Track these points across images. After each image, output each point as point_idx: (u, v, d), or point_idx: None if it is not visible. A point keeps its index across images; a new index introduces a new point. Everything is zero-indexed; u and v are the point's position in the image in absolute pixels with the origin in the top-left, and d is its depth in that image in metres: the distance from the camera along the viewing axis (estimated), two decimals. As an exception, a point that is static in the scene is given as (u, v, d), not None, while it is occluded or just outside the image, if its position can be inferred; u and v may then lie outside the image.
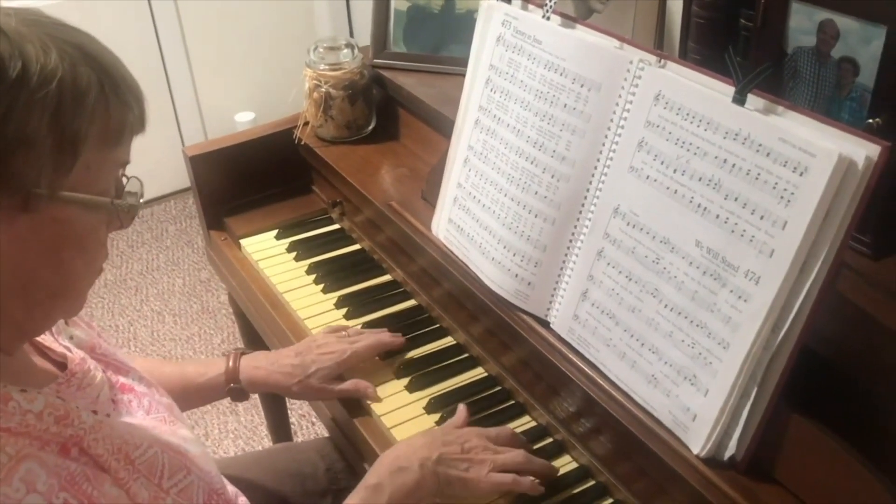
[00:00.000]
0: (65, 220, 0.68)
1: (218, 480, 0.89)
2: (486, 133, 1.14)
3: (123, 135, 0.71)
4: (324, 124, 1.54)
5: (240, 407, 2.31)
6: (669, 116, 0.91)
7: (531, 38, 1.07)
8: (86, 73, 0.66)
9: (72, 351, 0.83)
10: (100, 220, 0.72)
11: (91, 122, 0.67)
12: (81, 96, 0.66)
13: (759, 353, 0.84)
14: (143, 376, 0.94)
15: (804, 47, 1.00)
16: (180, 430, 0.90)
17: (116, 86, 0.69)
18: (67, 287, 0.73)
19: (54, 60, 0.64)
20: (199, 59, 3.12)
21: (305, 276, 1.42)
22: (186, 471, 0.83)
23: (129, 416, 0.85)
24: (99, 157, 0.69)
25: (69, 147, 0.66)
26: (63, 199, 0.67)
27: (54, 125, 0.64)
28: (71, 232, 0.69)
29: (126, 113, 0.70)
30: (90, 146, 0.67)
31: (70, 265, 0.71)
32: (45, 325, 0.77)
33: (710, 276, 0.88)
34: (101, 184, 0.71)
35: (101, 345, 0.91)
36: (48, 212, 0.66)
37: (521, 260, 1.09)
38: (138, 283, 2.84)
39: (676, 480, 0.89)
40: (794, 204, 0.80)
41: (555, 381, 1.06)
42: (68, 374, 0.79)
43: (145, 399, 0.90)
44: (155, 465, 0.80)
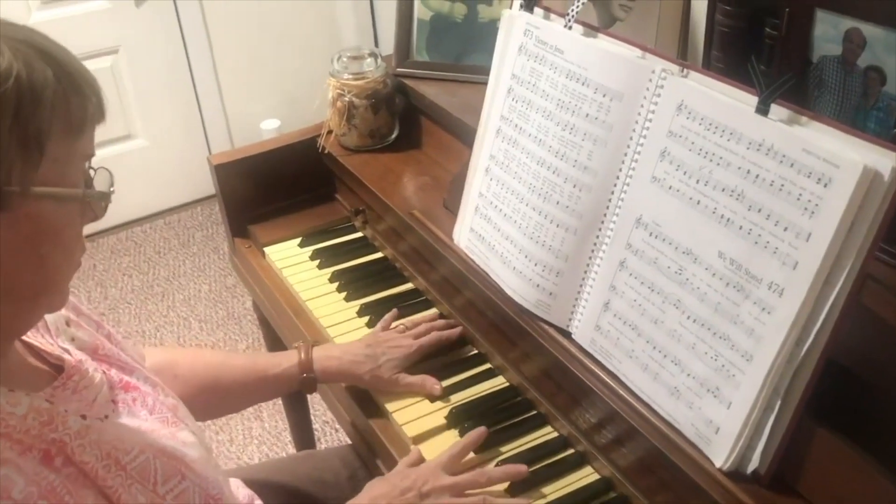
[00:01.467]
0: (39, 215, 0.69)
1: (215, 486, 0.88)
2: (507, 142, 1.14)
3: (85, 125, 0.71)
4: (347, 133, 1.54)
5: (264, 413, 2.33)
6: (692, 126, 0.91)
7: (553, 47, 1.06)
8: (41, 68, 0.67)
9: (70, 353, 0.84)
10: (74, 213, 0.73)
11: (52, 116, 0.67)
12: (40, 92, 0.66)
13: (783, 365, 0.83)
14: (148, 376, 0.95)
15: (830, 56, 0.99)
16: (181, 433, 0.90)
17: (72, 78, 0.70)
18: (49, 282, 0.73)
19: (8, 59, 0.65)
20: (225, 68, 3.15)
21: (328, 283, 1.42)
22: (181, 476, 0.83)
23: (130, 416, 0.85)
24: (65, 150, 0.70)
25: (34, 142, 0.66)
26: (35, 194, 0.67)
27: (17, 123, 0.65)
28: (47, 227, 0.70)
29: (85, 104, 0.71)
30: (55, 140, 0.68)
31: (49, 260, 0.72)
32: (31, 322, 0.78)
33: (733, 288, 0.87)
34: (70, 176, 0.71)
35: (105, 345, 0.92)
36: (22, 209, 0.67)
37: (542, 270, 1.09)
38: (165, 289, 2.87)
39: (699, 493, 0.89)
40: (819, 215, 0.79)
41: (576, 392, 1.06)
42: (64, 378, 0.79)
43: (149, 398, 0.91)
44: (147, 470, 0.80)
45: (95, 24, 2.80)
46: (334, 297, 1.39)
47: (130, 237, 3.14)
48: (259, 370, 1.19)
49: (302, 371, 1.18)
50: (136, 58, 2.93)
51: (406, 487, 0.99)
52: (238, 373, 1.18)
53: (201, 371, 1.15)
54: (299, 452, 1.61)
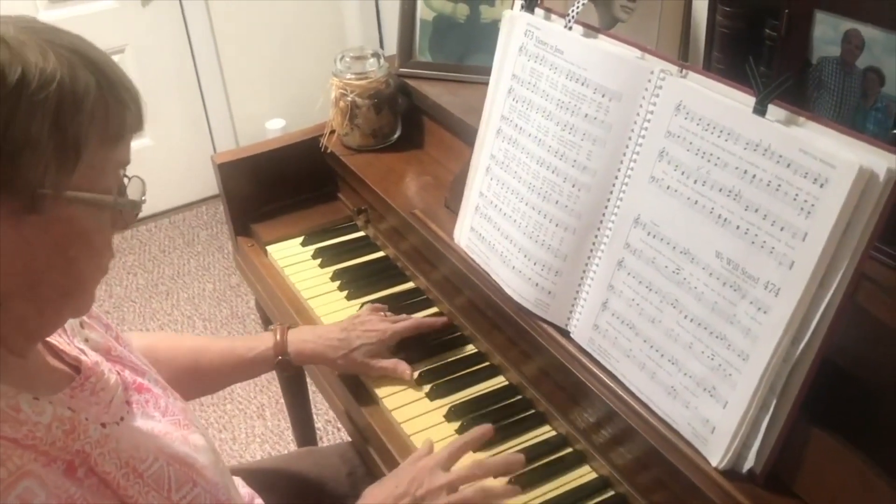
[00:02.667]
0: (70, 219, 0.70)
1: (224, 492, 0.89)
2: (507, 142, 1.15)
3: (123, 134, 0.73)
4: (350, 133, 1.55)
5: (266, 411, 2.34)
6: (690, 127, 0.91)
7: (553, 47, 1.07)
8: (84, 75, 0.68)
9: (86, 354, 0.85)
10: (105, 219, 0.74)
11: (91, 123, 0.68)
12: (81, 98, 0.67)
13: (779, 365, 0.84)
14: (158, 378, 0.96)
15: (829, 57, 0.99)
16: (192, 436, 0.91)
17: (113, 87, 0.71)
18: (76, 286, 0.74)
19: (53, 64, 0.66)
20: (231, 68, 3.16)
21: (330, 282, 1.43)
22: (192, 483, 0.84)
23: (145, 418, 0.86)
24: (101, 157, 0.71)
25: (71, 147, 0.67)
26: (68, 198, 0.68)
27: (56, 127, 0.66)
28: (77, 231, 0.71)
29: (124, 113, 0.72)
30: (92, 146, 0.69)
31: (77, 264, 0.73)
32: (56, 325, 0.79)
33: (730, 288, 0.87)
34: (104, 183, 0.72)
35: (117, 347, 0.93)
36: (54, 212, 0.68)
37: (541, 269, 1.09)
38: (169, 287, 2.88)
39: (695, 492, 0.89)
40: (815, 215, 0.79)
41: (574, 391, 1.06)
42: (82, 378, 0.80)
43: (161, 400, 0.91)
44: (162, 478, 0.81)
45: (102, 24, 2.81)
46: (336, 295, 1.40)
47: (135, 236, 3.15)
48: (236, 354, 1.21)
49: (277, 353, 1.20)
50: (142, 57, 2.95)
51: (401, 493, 0.97)
52: (216, 357, 1.19)
53: (181, 356, 1.16)
54: (299, 449, 1.61)
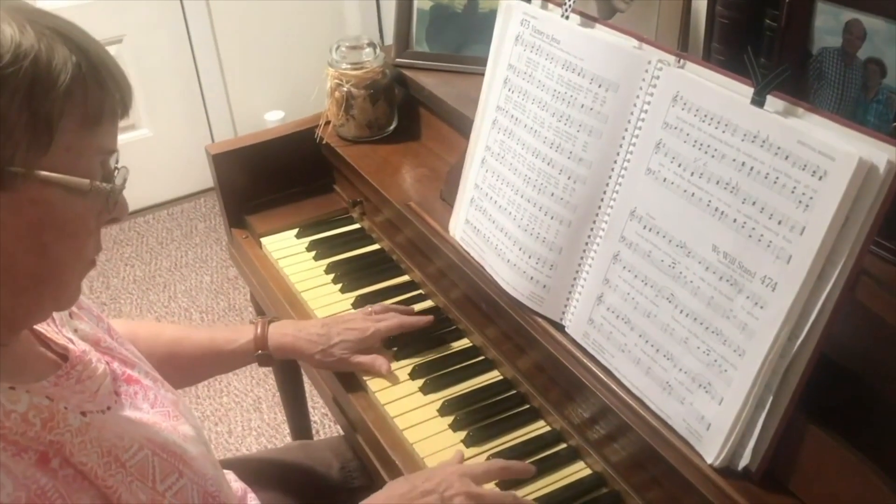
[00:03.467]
0: (44, 201, 0.68)
1: (213, 483, 0.88)
2: (503, 133, 1.13)
3: (103, 118, 0.70)
4: (345, 123, 1.53)
5: (263, 405, 2.32)
6: (687, 118, 0.90)
7: (549, 37, 1.05)
8: (63, 53, 0.66)
9: (74, 343, 0.83)
10: (85, 206, 0.71)
11: (66, 102, 0.66)
12: (56, 75, 0.66)
13: (776, 361, 0.82)
14: (149, 371, 0.94)
15: (830, 48, 0.98)
16: (182, 427, 0.89)
17: (95, 69, 0.69)
18: (52, 274, 0.72)
19: (30, 39, 0.64)
20: (229, 59, 3.14)
21: (324, 275, 1.42)
22: (178, 473, 0.83)
23: (133, 409, 0.85)
24: (78, 140, 0.69)
25: (43, 126, 0.65)
26: (40, 178, 0.66)
27: (27, 103, 0.64)
28: (51, 215, 0.69)
29: (104, 96, 0.70)
30: (68, 127, 0.67)
31: (53, 250, 0.70)
32: (38, 315, 0.77)
33: (727, 282, 0.86)
34: (83, 167, 0.70)
35: (107, 339, 0.91)
36: (26, 192, 0.66)
37: (536, 262, 1.07)
38: (167, 279, 2.86)
39: (689, 490, 0.88)
40: (813, 209, 0.78)
41: (569, 386, 1.05)
42: (68, 367, 0.79)
43: (150, 392, 0.90)
44: (146, 467, 0.79)
45: (100, 14, 2.78)
46: (330, 288, 1.39)
47: (133, 227, 3.14)
48: (216, 346, 1.19)
49: (257, 347, 1.19)
50: (140, 47, 2.92)
51: (428, 489, 0.94)
52: (196, 348, 1.18)
53: (161, 345, 1.15)
54: (292, 443, 1.60)
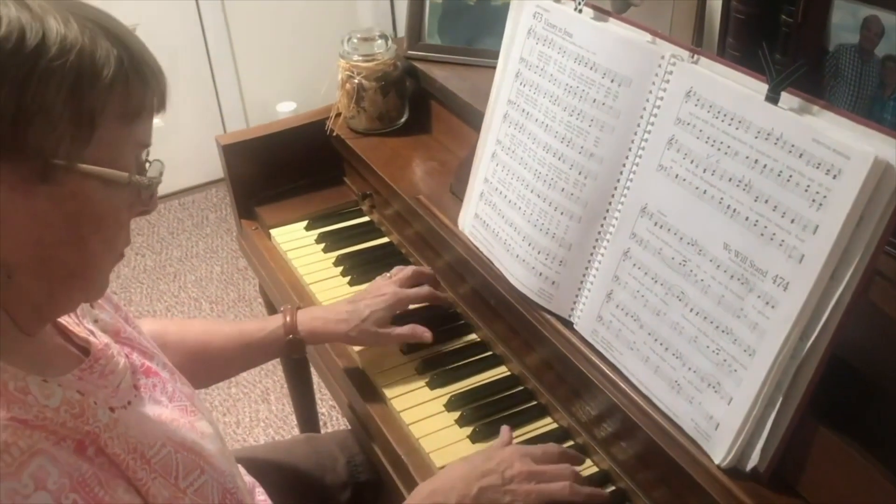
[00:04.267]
0: (83, 194, 0.68)
1: (231, 480, 0.88)
2: (514, 127, 1.12)
3: (143, 112, 0.71)
4: (356, 116, 1.53)
5: (271, 396, 2.33)
6: (700, 114, 0.88)
7: (562, 31, 1.04)
8: (106, 47, 0.67)
9: (95, 335, 0.83)
10: (120, 200, 0.72)
11: (109, 96, 0.67)
12: (100, 69, 0.66)
13: (786, 361, 0.81)
14: (166, 362, 0.94)
15: (846, 45, 0.96)
16: (199, 423, 0.89)
17: (136, 63, 0.69)
18: (86, 267, 0.73)
19: (74, 32, 0.65)
20: (242, 50, 3.14)
21: (333, 267, 1.41)
22: (200, 470, 0.83)
23: (152, 403, 0.85)
24: (118, 134, 0.69)
25: (87, 119, 0.66)
26: (81, 171, 0.67)
27: (72, 96, 0.64)
28: (89, 208, 0.69)
29: (145, 90, 0.70)
30: (109, 121, 0.67)
31: (88, 243, 0.71)
32: (67, 306, 0.77)
33: (738, 281, 0.85)
34: (121, 161, 0.70)
35: (126, 329, 0.91)
36: (67, 185, 0.67)
37: (545, 258, 1.07)
38: (177, 269, 2.87)
39: (696, 490, 0.87)
40: (827, 208, 0.76)
41: (577, 384, 1.04)
42: (91, 360, 0.78)
43: (168, 385, 0.90)
44: (169, 464, 0.79)
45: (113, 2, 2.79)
46: (338, 280, 1.38)
47: (144, 217, 3.14)
48: (246, 336, 1.18)
49: (287, 333, 1.17)
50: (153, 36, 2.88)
51: (488, 469, 0.93)
52: (225, 340, 1.17)
53: (190, 340, 1.15)
54: (298, 436, 1.60)
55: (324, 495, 1.25)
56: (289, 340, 1.18)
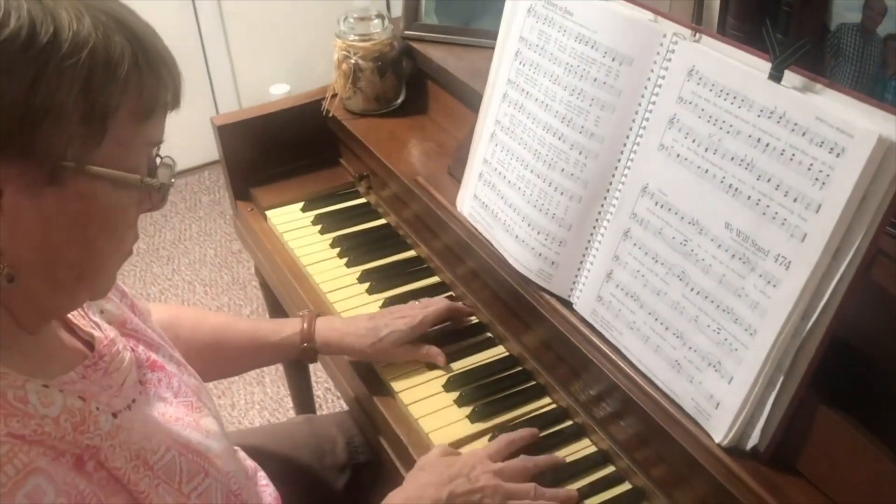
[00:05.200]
0: (92, 195, 0.66)
1: (236, 480, 0.87)
2: (513, 107, 1.12)
3: (156, 110, 0.68)
4: (352, 96, 1.52)
5: (266, 378, 2.33)
6: (702, 93, 0.88)
7: (562, 9, 1.03)
8: (120, 43, 0.64)
9: (101, 328, 0.82)
10: (130, 199, 0.70)
11: (122, 95, 0.64)
12: (114, 67, 0.63)
13: (787, 341, 0.81)
14: (172, 354, 0.93)
15: (848, 24, 0.96)
16: (204, 420, 0.88)
17: (151, 59, 0.67)
18: (93, 267, 0.71)
19: (87, 28, 0.62)
20: (235, 32, 3.11)
21: (330, 249, 1.41)
22: (204, 473, 0.82)
23: (157, 399, 0.84)
24: (130, 133, 0.67)
25: (98, 119, 0.63)
26: (91, 173, 0.65)
27: (84, 96, 0.62)
28: (98, 209, 0.67)
29: (159, 88, 0.68)
30: (121, 120, 0.65)
31: (96, 244, 0.69)
32: (71, 306, 0.76)
33: (739, 260, 0.85)
34: (132, 161, 0.68)
35: (133, 319, 0.90)
36: (75, 186, 0.64)
37: (545, 238, 1.06)
38: (170, 252, 2.86)
39: (696, 469, 0.87)
40: (829, 186, 0.76)
41: (576, 364, 1.04)
42: (95, 357, 0.77)
43: (174, 379, 0.89)
44: (173, 469, 0.78)
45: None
46: (335, 262, 1.38)
47: (137, 200, 3.13)
48: (261, 336, 1.17)
49: (303, 340, 1.16)
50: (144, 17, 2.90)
51: (454, 474, 0.95)
52: (240, 337, 1.16)
53: (204, 333, 1.13)
54: (297, 417, 1.60)
55: (323, 477, 1.25)
56: (303, 348, 1.16)
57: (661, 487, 0.94)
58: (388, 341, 1.14)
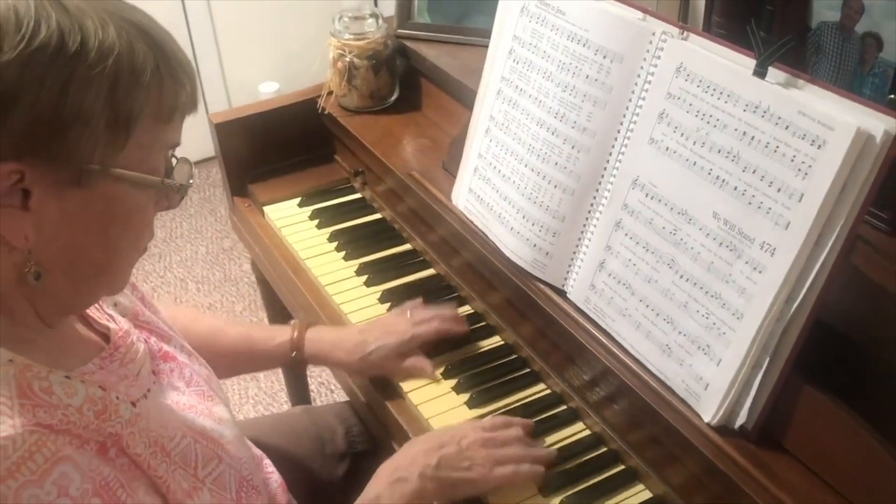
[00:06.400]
0: (115, 197, 0.69)
1: (248, 466, 0.90)
2: (507, 103, 1.15)
3: (175, 114, 0.72)
4: (347, 94, 1.55)
5: (260, 373, 2.35)
6: (690, 88, 0.92)
7: (555, 8, 1.07)
8: (142, 50, 0.67)
9: (115, 321, 0.85)
10: (148, 199, 0.73)
11: (145, 100, 0.67)
12: (137, 73, 0.66)
13: (773, 324, 0.85)
14: (183, 344, 0.96)
15: (828, 22, 1.00)
16: (216, 408, 0.91)
17: (171, 65, 0.70)
18: (113, 265, 0.74)
19: (112, 36, 0.65)
20: (224, 30, 3.13)
21: (327, 243, 1.44)
22: (218, 459, 0.85)
23: (170, 389, 0.86)
24: (151, 136, 0.70)
25: (123, 124, 0.66)
26: (115, 175, 0.68)
27: (110, 101, 0.65)
28: (120, 209, 0.70)
29: (179, 92, 0.71)
30: (143, 124, 0.68)
31: (116, 242, 0.72)
32: (90, 301, 0.79)
33: (727, 248, 0.89)
34: (152, 162, 0.72)
35: (145, 312, 0.93)
36: (99, 188, 0.68)
37: (539, 230, 1.10)
38: (162, 250, 2.88)
39: (687, 448, 0.91)
40: (812, 177, 0.81)
41: (570, 350, 1.08)
42: (111, 349, 0.80)
43: (186, 369, 0.92)
44: (189, 455, 0.81)
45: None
46: (333, 256, 1.41)
47: (128, 198, 3.14)
48: (251, 342, 1.19)
49: (292, 350, 1.18)
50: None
51: (445, 441, 0.99)
52: (231, 341, 1.18)
53: (196, 335, 1.15)
54: (296, 408, 1.63)
55: (323, 465, 1.28)
56: (292, 357, 1.19)
57: (654, 467, 0.98)
58: (375, 356, 1.15)
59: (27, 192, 0.65)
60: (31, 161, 0.64)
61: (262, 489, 0.94)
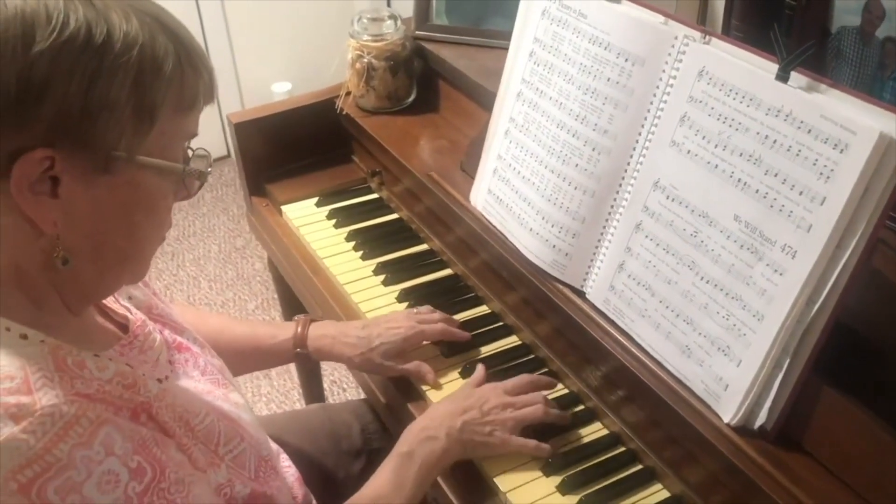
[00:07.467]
0: (139, 183, 0.72)
1: (266, 448, 0.92)
2: (528, 105, 1.16)
3: (196, 103, 0.74)
4: (365, 94, 1.56)
5: (273, 371, 2.36)
6: (712, 92, 0.93)
7: (576, 12, 1.08)
8: (163, 42, 0.69)
9: (132, 312, 0.87)
10: (169, 187, 0.76)
11: (168, 90, 0.70)
12: (160, 64, 0.69)
13: (793, 325, 0.86)
14: (196, 337, 0.98)
15: (848, 27, 1.01)
16: (232, 395, 0.93)
17: (190, 56, 0.72)
18: (136, 252, 0.77)
19: (135, 28, 0.67)
20: (238, 29, 3.15)
21: (345, 242, 1.45)
22: (240, 438, 0.87)
23: (186, 378, 0.88)
24: (173, 125, 0.72)
25: (147, 113, 0.69)
26: (139, 163, 0.70)
27: (135, 91, 0.67)
28: (143, 196, 0.73)
29: (198, 82, 0.74)
30: (166, 113, 0.71)
31: (140, 229, 0.75)
32: (113, 288, 0.81)
33: (747, 250, 0.90)
34: (173, 151, 0.74)
35: (158, 305, 0.95)
36: (125, 175, 0.70)
37: (559, 231, 1.11)
38: (175, 248, 2.89)
39: (706, 448, 0.92)
40: (834, 180, 0.81)
41: (588, 350, 1.09)
42: (130, 337, 0.82)
43: (200, 359, 0.93)
44: (212, 432, 0.83)
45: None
46: (351, 255, 1.42)
47: (141, 196, 3.15)
48: (256, 340, 1.21)
49: (296, 346, 1.19)
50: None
51: (469, 405, 1.04)
52: (237, 339, 1.20)
53: (204, 333, 1.14)
54: (312, 405, 1.64)
55: (340, 461, 1.29)
56: (297, 353, 1.20)
57: (672, 467, 0.99)
58: (379, 352, 1.16)
59: (56, 180, 0.67)
60: (61, 148, 0.66)
61: (280, 473, 0.96)
